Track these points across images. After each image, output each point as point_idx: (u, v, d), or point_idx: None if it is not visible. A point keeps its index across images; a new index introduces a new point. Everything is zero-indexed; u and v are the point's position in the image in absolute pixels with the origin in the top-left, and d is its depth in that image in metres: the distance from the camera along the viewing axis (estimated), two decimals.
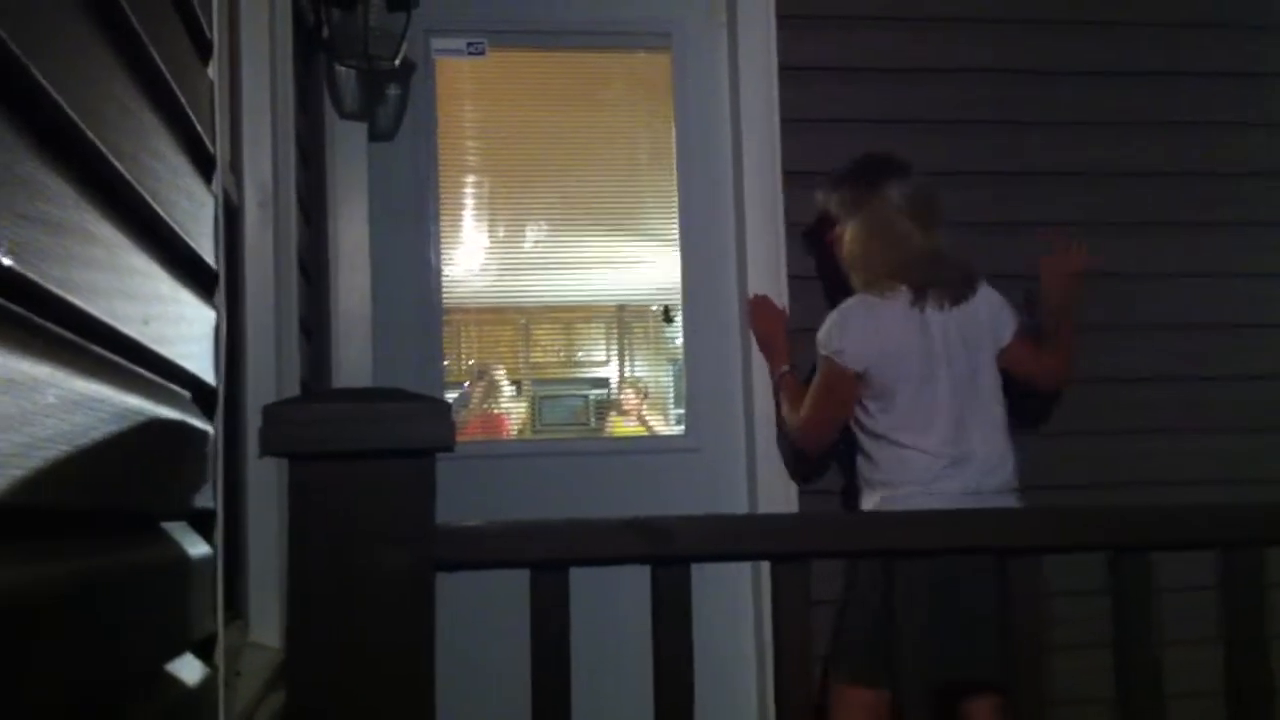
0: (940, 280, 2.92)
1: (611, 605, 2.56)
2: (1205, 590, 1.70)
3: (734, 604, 3.35)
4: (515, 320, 3.77)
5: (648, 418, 3.78)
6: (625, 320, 3.81)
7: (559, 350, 3.85)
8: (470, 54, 3.56)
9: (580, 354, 3.85)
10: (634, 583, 1.53)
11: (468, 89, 3.64)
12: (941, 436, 2.83)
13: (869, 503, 2.93)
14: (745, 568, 3.33)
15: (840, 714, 2.78)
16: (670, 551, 1.45)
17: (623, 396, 3.80)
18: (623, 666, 2.65)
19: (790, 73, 3.42)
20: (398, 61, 3.23)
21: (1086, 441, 3.41)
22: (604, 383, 3.83)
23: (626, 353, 3.81)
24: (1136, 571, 1.51)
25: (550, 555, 1.48)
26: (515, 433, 3.71)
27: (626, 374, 3.81)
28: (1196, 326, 3.51)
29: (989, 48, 3.52)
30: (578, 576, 1.46)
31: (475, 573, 1.46)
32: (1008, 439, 2.92)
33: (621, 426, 3.83)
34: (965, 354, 2.90)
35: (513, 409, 3.75)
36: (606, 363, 3.82)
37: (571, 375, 3.85)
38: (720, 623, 3.23)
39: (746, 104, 3.42)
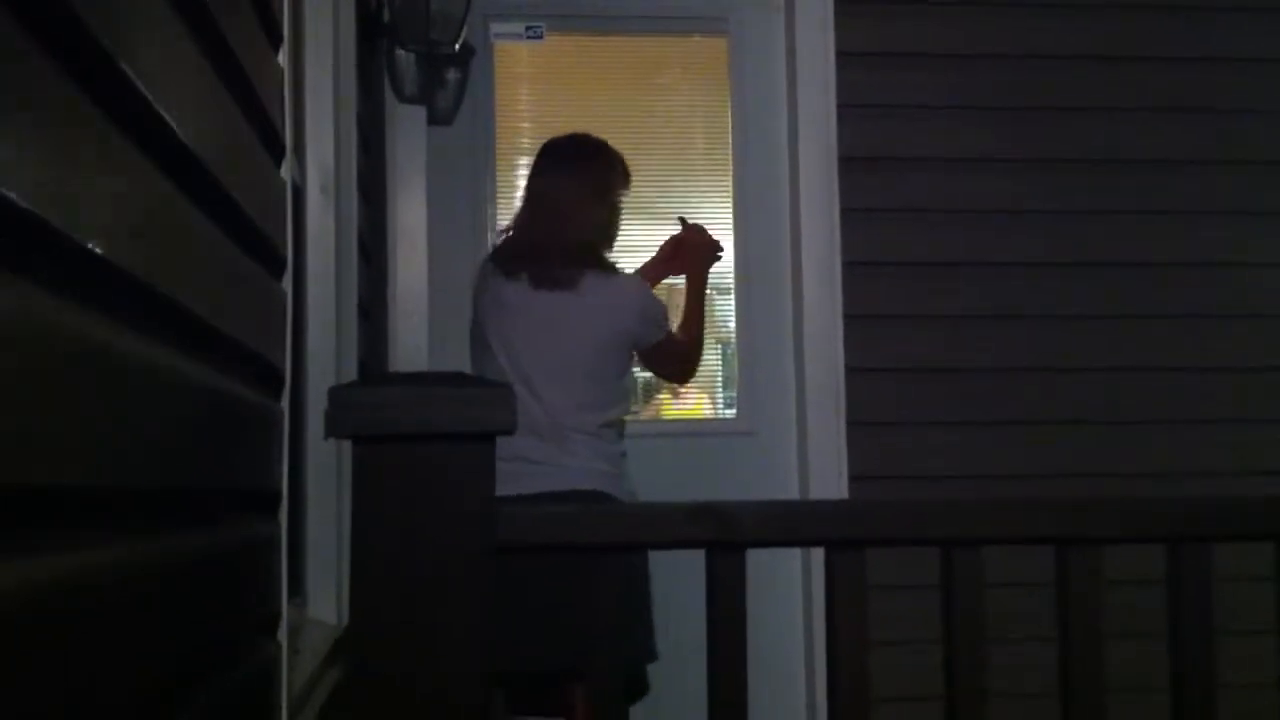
0: None
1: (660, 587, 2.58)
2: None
3: (784, 591, 3.37)
4: None
5: (697, 400, 3.79)
6: (676, 302, 3.82)
7: None
8: (528, 38, 3.58)
9: None
10: (686, 565, 1.53)
11: (525, 73, 3.67)
12: None
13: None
14: (795, 556, 3.34)
15: None
16: (732, 536, 1.47)
17: None
18: (668, 649, 2.68)
19: (847, 58, 3.42)
20: (457, 46, 3.26)
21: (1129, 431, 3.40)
22: None
23: None
24: (1196, 563, 1.51)
25: (611, 539, 1.50)
26: None
27: None
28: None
29: (1053, 33, 3.49)
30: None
31: None
32: None
33: (671, 409, 3.85)
34: None
35: None
36: None
37: None
38: (767, 610, 3.24)
39: (803, 89, 3.42)
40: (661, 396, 3.86)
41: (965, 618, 1.49)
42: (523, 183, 3.64)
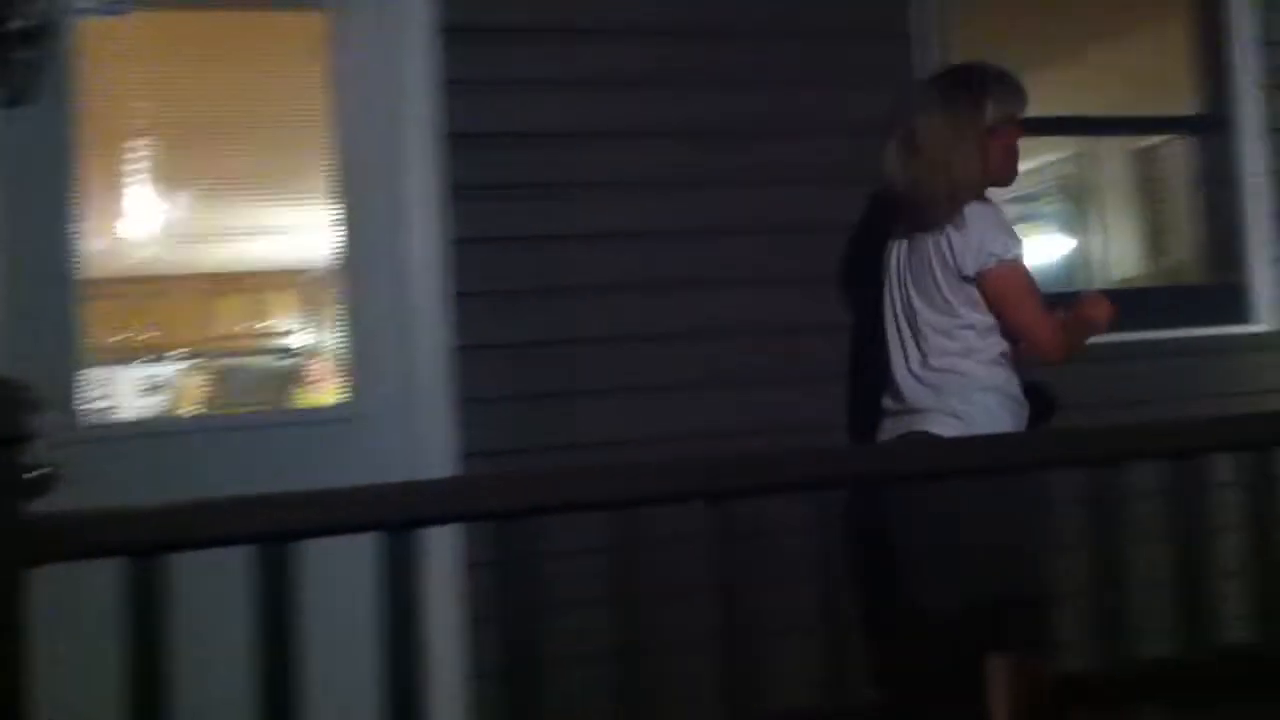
0: None
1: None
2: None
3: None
4: (191, 289, 3.66)
5: (327, 386, 3.72)
6: (301, 287, 3.75)
7: (226, 321, 3.75)
8: (111, 13, 3.37)
9: (254, 324, 3.77)
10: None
11: (111, 50, 3.45)
12: None
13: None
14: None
15: None
16: (278, 528, 1.43)
17: (305, 365, 3.73)
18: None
19: (451, 33, 3.39)
20: (30, 22, 3.05)
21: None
22: (285, 352, 3.77)
23: (300, 321, 3.76)
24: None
25: (154, 540, 1.43)
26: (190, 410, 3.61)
27: (307, 343, 3.76)
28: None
29: (652, 6, 3.56)
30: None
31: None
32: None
33: (306, 396, 3.76)
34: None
35: (187, 383, 3.65)
36: (288, 332, 3.78)
37: (250, 346, 3.77)
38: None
39: (406, 65, 3.36)
40: (295, 387, 3.78)
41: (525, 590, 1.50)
42: (114, 167, 3.45)
